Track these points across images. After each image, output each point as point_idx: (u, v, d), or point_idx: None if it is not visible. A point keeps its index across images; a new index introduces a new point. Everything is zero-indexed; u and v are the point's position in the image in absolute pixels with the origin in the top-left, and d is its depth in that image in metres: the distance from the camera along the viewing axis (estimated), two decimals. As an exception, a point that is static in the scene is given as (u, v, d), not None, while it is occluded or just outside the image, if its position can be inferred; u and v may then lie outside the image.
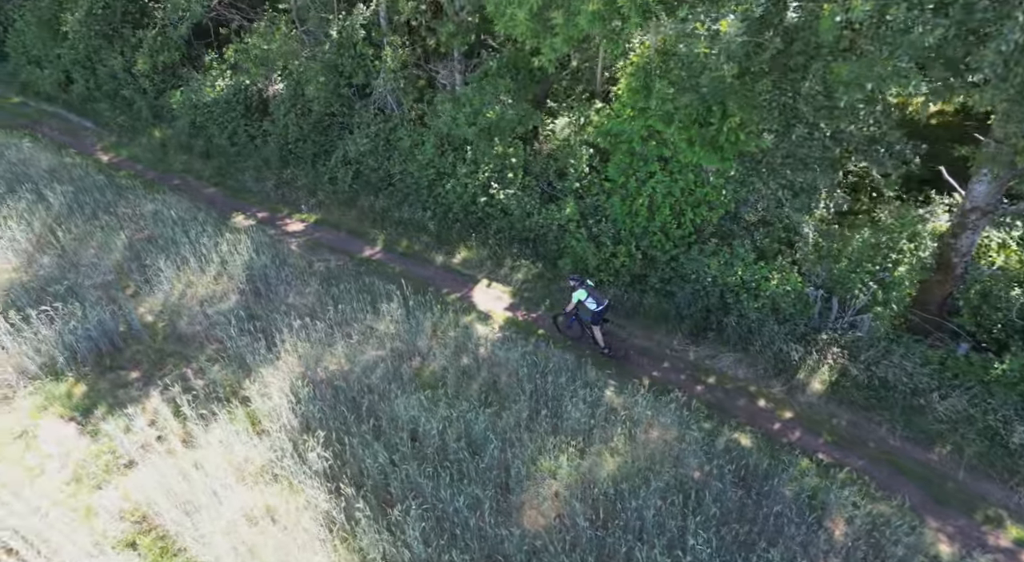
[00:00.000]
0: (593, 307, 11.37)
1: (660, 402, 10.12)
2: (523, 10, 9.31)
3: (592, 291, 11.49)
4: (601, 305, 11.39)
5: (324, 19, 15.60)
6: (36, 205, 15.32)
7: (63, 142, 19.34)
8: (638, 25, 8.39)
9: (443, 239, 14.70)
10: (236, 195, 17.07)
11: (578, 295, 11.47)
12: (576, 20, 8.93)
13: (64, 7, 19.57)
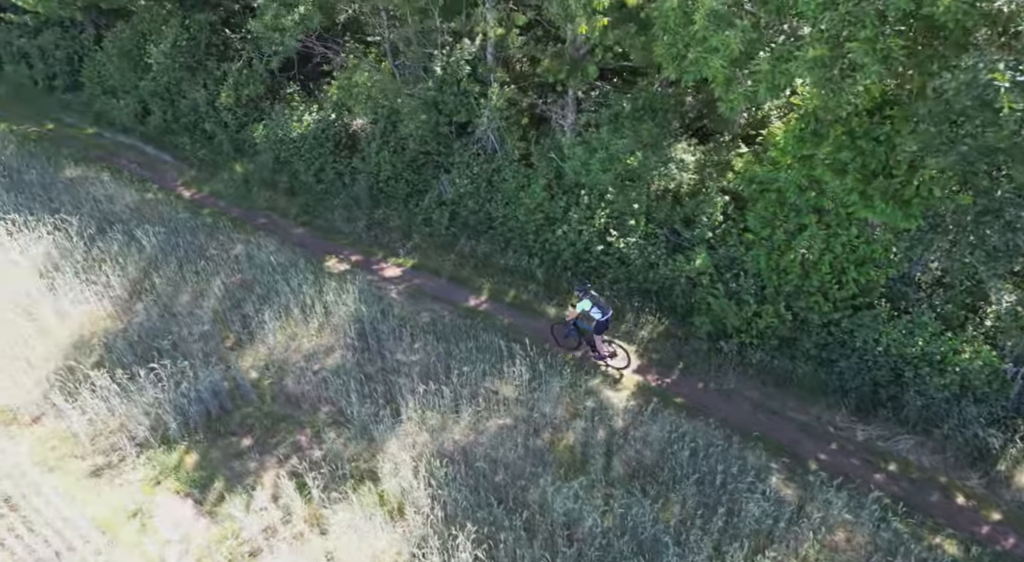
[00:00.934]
0: (598, 316, 11.35)
1: (839, 494, 8.99)
2: (719, 56, 8.38)
3: (597, 301, 11.45)
4: (606, 315, 11.40)
5: (426, 54, 14.90)
6: (128, 247, 14.79)
7: (142, 176, 18.94)
8: (876, 74, 7.41)
9: (553, 288, 13.78)
10: (326, 236, 16.39)
11: (583, 305, 11.39)
12: (786, 67, 8.00)
13: (148, 39, 19.30)
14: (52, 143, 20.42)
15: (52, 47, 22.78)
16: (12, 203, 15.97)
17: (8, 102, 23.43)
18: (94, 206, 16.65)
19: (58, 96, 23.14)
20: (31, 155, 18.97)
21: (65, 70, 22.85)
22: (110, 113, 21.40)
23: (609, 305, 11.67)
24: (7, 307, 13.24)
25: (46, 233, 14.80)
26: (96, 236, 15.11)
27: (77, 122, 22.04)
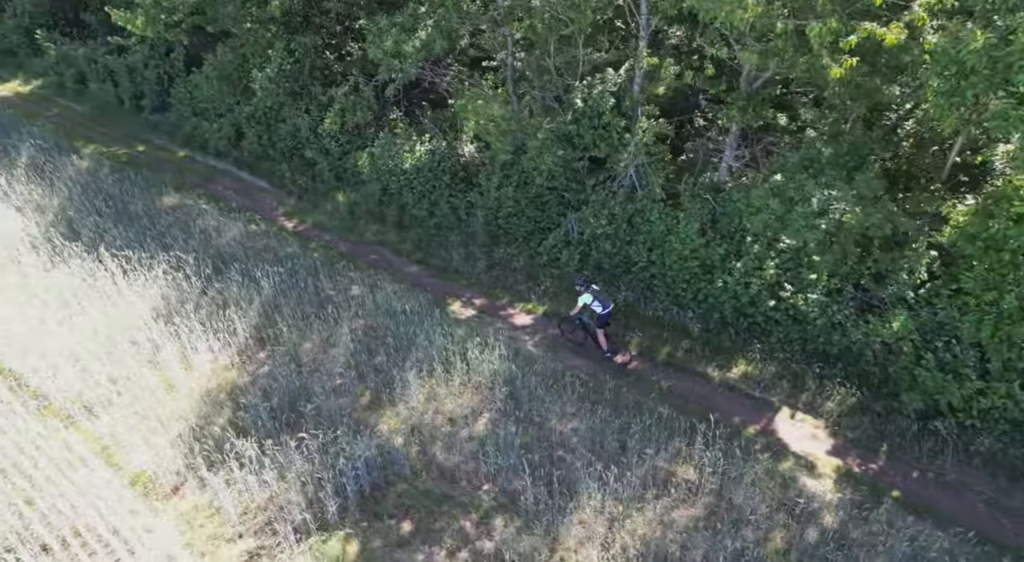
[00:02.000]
0: (599, 310, 12.03)
1: None
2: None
3: (598, 295, 12.15)
4: (607, 308, 12.10)
5: (564, 84, 13.75)
6: (246, 288, 13.92)
7: (240, 204, 18.17)
8: None
9: (711, 346, 12.49)
10: (443, 275, 15.35)
11: (584, 299, 12.07)
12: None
13: (249, 62, 18.55)
14: (146, 167, 19.82)
15: (141, 66, 22.27)
16: (123, 237, 15.26)
17: (93, 121, 23.01)
18: (203, 240, 15.88)
19: (145, 116, 22.61)
20: (129, 181, 18.32)
21: (154, 90, 22.32)
22: (202, 136, 20.75)
23: (610, 299, 12.44)
24: (130, 354, 12.47)
25: (162, 272, 14.01)
26: (212, 276, 14.27)
27: (167, 144, 21.46)
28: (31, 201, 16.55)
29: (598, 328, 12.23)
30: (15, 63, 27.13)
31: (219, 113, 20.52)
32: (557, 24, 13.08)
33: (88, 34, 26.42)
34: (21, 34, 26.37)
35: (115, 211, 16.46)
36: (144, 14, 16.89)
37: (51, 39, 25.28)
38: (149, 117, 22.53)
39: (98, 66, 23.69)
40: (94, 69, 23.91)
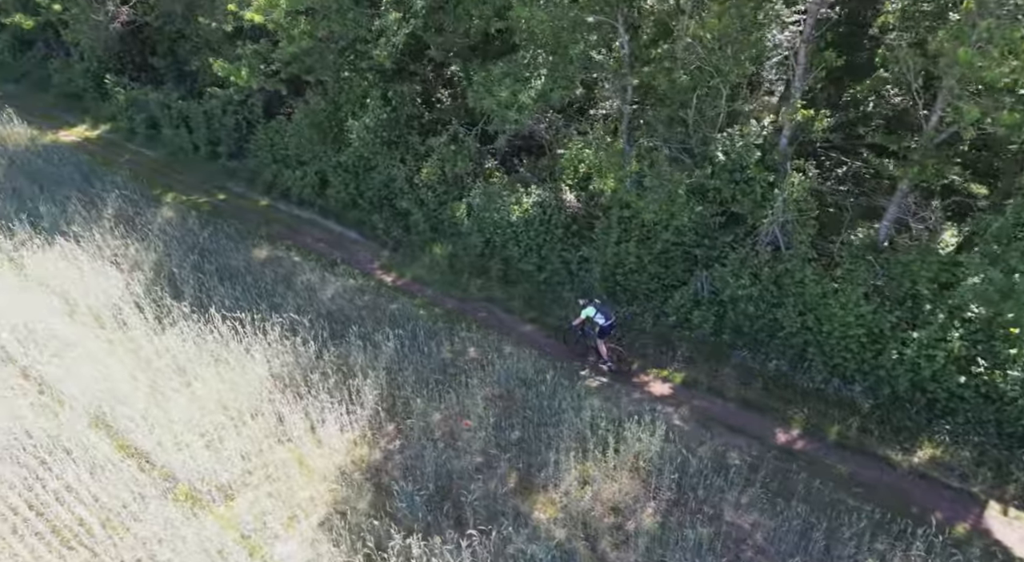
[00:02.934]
0: (602, 322, 12.69)
1: None
2: None
3: (601, 308, 12.80)
4: (609, 321, 12.74)
5: (706, 136, 12.99)
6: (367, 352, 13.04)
7: (334, 257, 17.46)
8: None
9: (888, 424, 11.44)
10: (556, 333, 14.44)
11: (587, 311, 12.75)
12: None
13: (341, 109, 18.03)
14: (230, 217, 19.25)
15: (219, 113, 21.90)
16: (230, 296, 14.54)
17: (167, 167, 22.60)
18: (307, 297, 15.11)
19: (222, 163, 22.18)
20: (222, 233, 17.67)
21: (232, 137, 21.91)
22: (284, 184, 20.22)
23: (612, 312, 13.06)
24: (256, 427, 11.60)
25: (277, 335, 13.18)
26: (329, 340, 13.43)
27: (246, 192, 20.94)
28: (127, 256, 15.94)
29: (599, 339, 13.02)
30: (81, 107, 26.97)
31: (302, 160, 20.01)
32: (701, 75, 12.39)
33: (156, 78, 26.32)
34: (89, 78, 26.23)
35: (216, 267, 15.74)
36: (248, 66, 16.44)
37: (120, 84, 25.12)
38: (226, 164, 22.10)
39: (171, 111, 23.40)
40: (167, 114, 23.61)
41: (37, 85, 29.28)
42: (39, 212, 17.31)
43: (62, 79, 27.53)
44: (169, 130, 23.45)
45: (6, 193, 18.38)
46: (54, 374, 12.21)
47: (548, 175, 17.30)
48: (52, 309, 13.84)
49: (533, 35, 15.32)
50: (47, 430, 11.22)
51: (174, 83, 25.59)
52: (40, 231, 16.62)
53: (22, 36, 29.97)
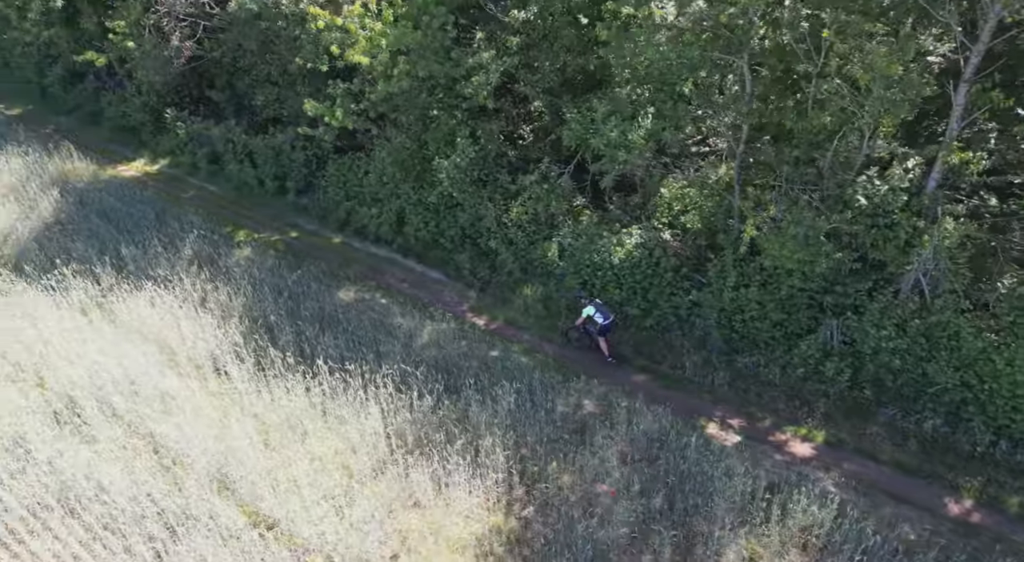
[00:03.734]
0: (601, 320, 13.80)
1: None
2: None
3: (600, 307, 13.97)
4: (608, 319, 13.85)
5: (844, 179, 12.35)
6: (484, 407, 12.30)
7: (419, 299, 16.84)
8: None
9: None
10: (676, 385, 13.79)
11: (587, 311, 13.91)
12: None
13: (428, 148, 17.53)
14: (307, 256, 18.69)
15: (288, 148, 21.49)
16: (333, 344, 13.90)
17: (234, 204, 22.12)
18: (404, 342, 14.42)
19: (290, 199, 21.70)
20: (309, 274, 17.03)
21: (301, 172, 21.46)
22: (359, 221, 19.66)
23: (611, 311, 14.10)
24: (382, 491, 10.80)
25: (391, 389, 12.45)
26: (443, 396, 12.71)
27: (319, 229, 20.42)
28: (217, 301, 15.33)
29: (600, 336, 14.16)
30: (137, 141, 26.63)
31: (377, 197, 19.48)
32: (844, 116, 11.80)
33: (214, 112, 26.05)
34: (147, 113, 25.96)
35: (312, 313, 15.08)
36: (342, 106, 15.98)
37: (180, 118, 24.84)
38: (295, 200, 21.60)
39: (235, 146, 23.03)
40: (230, 149, 23.26)
41: (89, 118, 29.05)
42: (121, 254, 16.77)
43: (117, 113, 27.27)
44: (233, 165, 23.03)
45: (84, 234, 17.86)
46: (166, 433, 11.53)
47: (642, 214, 16.72)
48: (151, 359, 13.20)
49: (635, 72, 14.91)
50: (172, 496, 10.49)
51: (234, 116, 25.34)
52: (126, 275, 16.07)
53: (74, 69, 29.89)
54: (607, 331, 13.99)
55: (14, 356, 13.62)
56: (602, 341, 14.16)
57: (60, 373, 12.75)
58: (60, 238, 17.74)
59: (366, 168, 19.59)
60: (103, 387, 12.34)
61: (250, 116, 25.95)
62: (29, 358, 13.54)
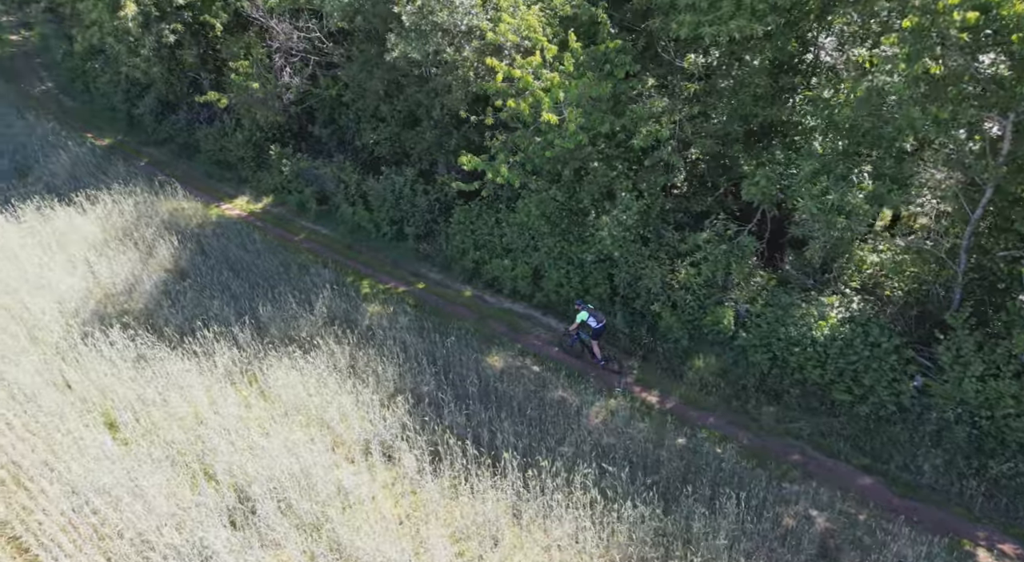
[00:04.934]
0: (594, 325, 14.56)
1: None
2: None
3: (593, 312, 14.58)
4: (600, 324, 14.57)
5: None
6: (705, 519, 10.62)
7: (572, 366, 15.28)
8: None
9: None
10: (914, 494, 11.95)
11: (581, 316, 14.51)
12: None
13: (582, 201, 16.07)
14: (440, 312, 17.39)
15: (409, 193, 20.28)
16: (512, 431, 12.36)
17: (349, 249, 20.94)
18: (575, 425, 12.87)
19: (409, 245, 20.47)
20: (455, 337, 15.63)
21: (423, 218, 20.22)
22: (489, 273, 18.28)
23: (604, 316, 14.71)
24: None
25: (592, 494, 10.87)
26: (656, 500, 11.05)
27: (444, 280, 19.12)
28: (369, 369, 13.98)
29: (593, 340, 14.89)
30: (236, 177, 25.88)
31: (509, 248, 18.07)
32: None
33: (317, 148, 25.11)
34: (249, 148, 25.14)
35: (476, 390, 13.63)
36: (503, 160, 14.62)
37: (285, 154, 23.93)
38: (415, 246, 20.36)
39: (349, 188, 21.92)
40: (342, 190, 22.18)
41: (182, 150, 28.50)
42: (258, 313, 15.61)
43: (214, 147, 26.55)
44: (346, 207, 21.91)
45: (215, 289, 16.76)
46: (353, 542, 10.05)
47: (828, 277, 14.99)
48: (318, 445, 11.83)
49: (832, 123, 13.30)
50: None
51: (340, 154, 24.35)
52: (268, 339, 14.86)
53: (165, 99, 29.40)
54: (599, 335, 14.83)
55: (169, 433, 12.42)
56: (594, 345, 15.00)
57: (226, 460, 11.46)
58: (192, 293, 16.61)
59: (496, 217, 18.22)
60: (275, 479, 11.00)
61: (353, 153, 25.01)
62: (184, 437, 12.32)
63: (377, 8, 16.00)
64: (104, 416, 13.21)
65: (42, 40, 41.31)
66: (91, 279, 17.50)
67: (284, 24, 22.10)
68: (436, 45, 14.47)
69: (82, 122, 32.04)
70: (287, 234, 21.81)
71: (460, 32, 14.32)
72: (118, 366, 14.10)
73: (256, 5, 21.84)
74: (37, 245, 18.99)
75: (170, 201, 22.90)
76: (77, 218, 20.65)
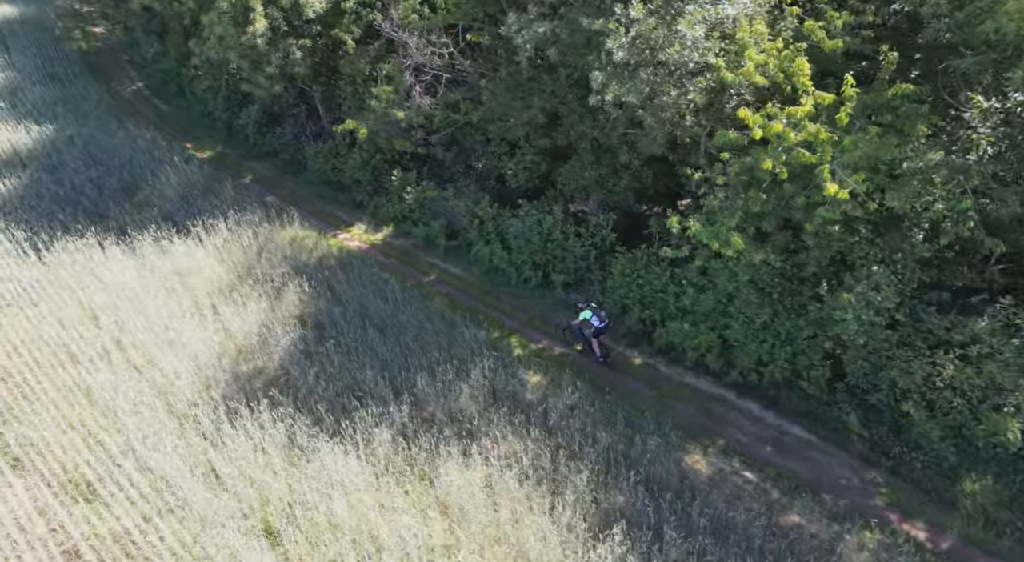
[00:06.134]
0: (596, 323, 15.01)
1: None
2: None
3: (596, 311, 15.04)
4: (603, 323, 15.08)
5: None
6: None
7: (796, 475, 12.64)
8: None
9: None
10: None
11: (584, 314, 15.01)
12: None
13: (808, 272, 13.29)
14: (608, 384, 14.92)
15: (560, 235, 17.82)
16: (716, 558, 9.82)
17: (486, 295, 18.54)
18: None
19: (557, 294, 18.05)
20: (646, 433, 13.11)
21: (578, 266, 17.75)
22: (665, 339, 15.67)
23: (606, 316, 15.27)
24: None
25: None
26: None
27: (606, 342, 16.58)
28: (553, 473, 11.63)
29: (594, 338, 15.17)
30: (350, 200, 23.83)
31: (687, 309, 15.37)
32: None
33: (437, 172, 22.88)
34: (367, 171, 23.11)
35: (697, 510, 11.12)
36: (724, 224, 11.92)
37: (408, 180, 21.80)
38: (563, 296, 17.92)
39: (486, 226, 19.56)
40: (476, 225, 19.86)
41: (287, 167, 26.64)
42: (415, 386, 13.44)
43: (326, 166, 24.64)
44: (481, 246, 19.56)
45: (361, 352, 14.58)
46: None
47: None
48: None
49: None
50: None
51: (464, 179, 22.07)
52: (427, 419, 12.70)
53: (270, 111, 27.70)
54: (601, 334, 15.19)
55: (337, 547, 10.36)
56: (595, 343, 15.34)
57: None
58: (338, 358, 14.53)
59: (670, 271, 15.47)
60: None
61: (478, 178, 22.70)
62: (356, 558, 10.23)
63: (575, 38, 13.46)
64: (263, 522, 11.26)
65: (127, 34, 40.02)
66: (222, 332, 15.70)
67: (415, 38, 19.93)
68: (652, 85, 11.88)
69: (180, 131, 30.71)
70: (416, 273, 19.67)
71: (686, 71, 11.67)
72: (270, 454, 12.16)
73: (391, 18, 19.70)
74: (159, 286, 17.34)
75: (287, 229, 21.14)
76: (196, 251, 19.00)
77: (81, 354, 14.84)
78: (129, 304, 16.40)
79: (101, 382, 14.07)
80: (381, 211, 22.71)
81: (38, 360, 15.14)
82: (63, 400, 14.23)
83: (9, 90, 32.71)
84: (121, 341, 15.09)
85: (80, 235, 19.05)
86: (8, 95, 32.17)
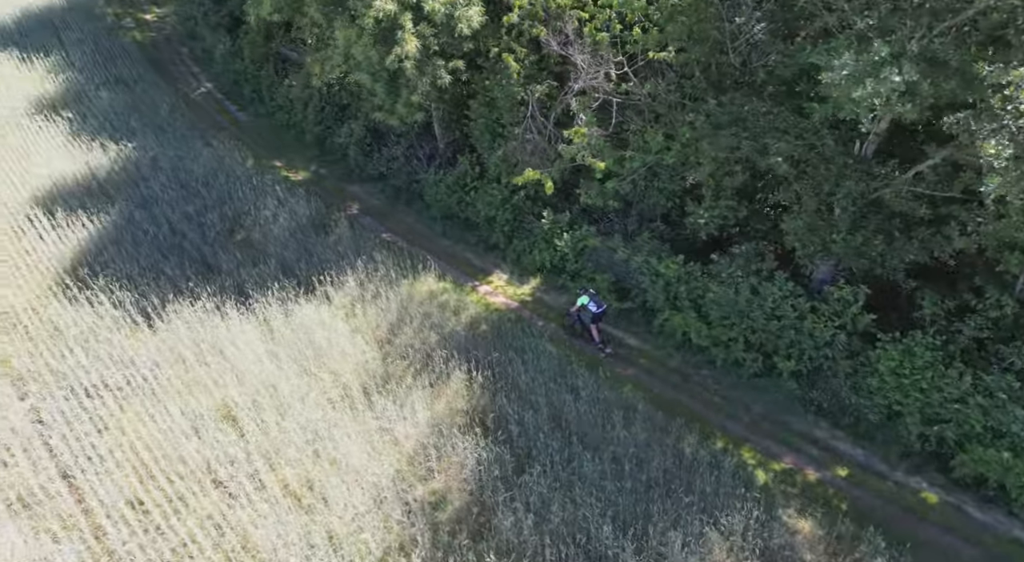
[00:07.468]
0: (594, 309, 15.09)
1: None
2: None
3: (594, 297, 15.23)
4: (600, 309, 15.13)
5: None
6: None
7: None
8: None
9: None
10: None
11: (582, 300, 15.25)
12: None
13: None
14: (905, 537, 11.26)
15: (790, 311, 14.12)
16: None
17: (684, 382, 14.85)
18: None
19: (783, 387, 14.35)
20: None
21: (813, 353, 14.05)
22: (965, 468, 11.97)
23: (604, 301, 15.36)
24: None
25: None
26: None
27: (870, 460, 12.90)
28: None
29: (592, 324, 15.41)
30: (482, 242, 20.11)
31: (1001, 431, 11.61)
32: None
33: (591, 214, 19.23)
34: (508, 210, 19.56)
35: None
36: None
37: (560, 223, 18.27)
38: (796, 391, 14.19)
39: (669, 285, 15.98)
40: (658, 288, 16.15)
41: (399, 195, 23.03)
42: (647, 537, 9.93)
43: (448, 199, 21.16)
44: (673, 316, 15.91)
45: (580, 490, 10.90)
46: None
47: None
48: None
49: None
50: None
51: (623, 222, 18.45)
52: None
53: (375, 128, 24.24)
54: (599, 319, 15.23)
55: None
56: (593, 328, 15.36)
57: None
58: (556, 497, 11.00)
59: (973, 372, 11.73)
60: None
61: (638, 218, 19.05)
62: None
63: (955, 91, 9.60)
64: None
65: (184, 24, 36.56)
66: (391, 445, 12.37)
67: (585, 56, 16.33)
68: None
69: (264, 146, 27.30)
70: (586, 345, 16.17)
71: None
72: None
73: (564, 33, 16.10)
74: (295, 368, 14.05)
75: (422, 281, 17.82)
76: (328, 316, 15.72)
77: (229, 479, 11.56)
78: (269, 397, 13.18)
79: (263, 528, 10.75)
80: (524, 259, 19.16)
81: (181, 493, 11.63)
82: (213, 549, 10.84)
83: (74, 96, 29.24)
84: (272, 457, 11.85)
85: (193, 296, 15.85)
86: (74, 103, 28.63)
